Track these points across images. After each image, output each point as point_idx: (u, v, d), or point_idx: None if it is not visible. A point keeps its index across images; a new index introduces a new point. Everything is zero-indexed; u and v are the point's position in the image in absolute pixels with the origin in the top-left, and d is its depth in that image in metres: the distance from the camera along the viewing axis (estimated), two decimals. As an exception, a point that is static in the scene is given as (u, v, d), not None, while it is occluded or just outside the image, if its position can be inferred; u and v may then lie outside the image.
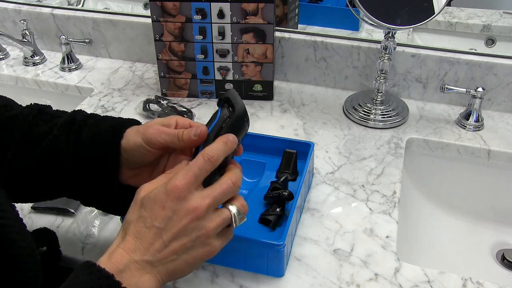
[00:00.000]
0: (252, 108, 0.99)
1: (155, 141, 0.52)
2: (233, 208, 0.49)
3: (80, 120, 0.57)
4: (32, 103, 0.60)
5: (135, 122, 0.57)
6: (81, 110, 0.60)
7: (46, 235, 0.61)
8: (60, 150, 0.54)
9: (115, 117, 0.58)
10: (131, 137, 0.54)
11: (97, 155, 0.54)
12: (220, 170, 0.49)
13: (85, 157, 0.54)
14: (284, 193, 0.67)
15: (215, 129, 0.52)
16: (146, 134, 0.52)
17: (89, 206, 0.60)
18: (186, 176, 0.45)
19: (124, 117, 0.58)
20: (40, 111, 0.58)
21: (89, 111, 0.98)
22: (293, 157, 0.76)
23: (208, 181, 0.48)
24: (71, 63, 1.14)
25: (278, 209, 0.67)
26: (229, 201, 0.49)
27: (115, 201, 0.56)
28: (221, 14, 0.92)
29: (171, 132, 0.52)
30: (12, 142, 0.55)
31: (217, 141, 0.49)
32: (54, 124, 0.56)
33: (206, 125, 0.53)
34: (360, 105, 0.95)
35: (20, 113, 0.58)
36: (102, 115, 0.59)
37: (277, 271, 0.62)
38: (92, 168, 0.54)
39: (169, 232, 0.45)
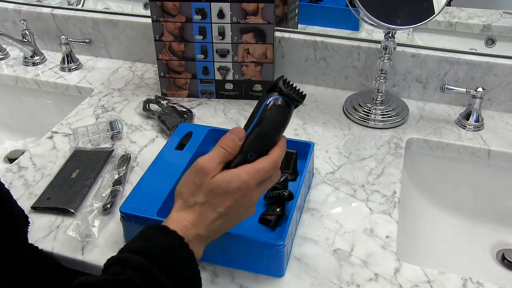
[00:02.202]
0: (252, 108, 0.98)
1: None
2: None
3: None
4: None
5: None
6: None
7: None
8: None
9: None
10: None
11: None
12: None
13: None
14: (284, 193, 0.67)
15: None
16: None
17: None
18: (256, 176, 0.52)
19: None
20: None
21: (89, 111, 0.98)
22: (293, 157, 0.76)
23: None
24: (71, 63, 1.14)
25: (278, 209, 0.67)
26: None
27: None
28: (221, 14, 0.92)
29: None
30: None
31: (280, 145, 0.55)
32: None
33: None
34: (360, 105, 0.95)
35: None
36: (102, 114, 0.61)
37: (277, 271, 0.62)
38: None
39: (229, 216, 0.53)
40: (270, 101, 0.55)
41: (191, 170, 0.53)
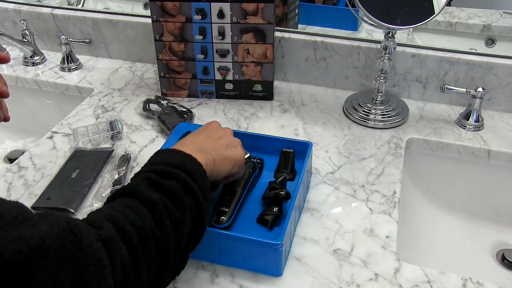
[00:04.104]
0: (252, 108, 0.99)
1: None
2: None
3: None
4: None
5: None
6: None
7: None
8: None
9: None
10: None
11: None
12: None
13: None
14: (281, 192, 0.67)
15: None
16: None
17: None
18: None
19: None
20: None
21: (89, 111, 0.98)
22: (290, 157, 0.76)
23: None
24: (71, 63, 1.14)
25: (275, 209, 0.67)
26: None
27: None
28: (221, 14, 0.92)
29: None
30: None
31: None
32: None
33: None
34: (360, 105, 0.95)
35: None
36: (102, 114, 0.62)
37: (275, 271, 0.63)
38: None
39: (218, 141, 0.64)
40: None
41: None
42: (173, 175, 0.53)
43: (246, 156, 0.68)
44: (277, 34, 1.02)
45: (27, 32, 1.14)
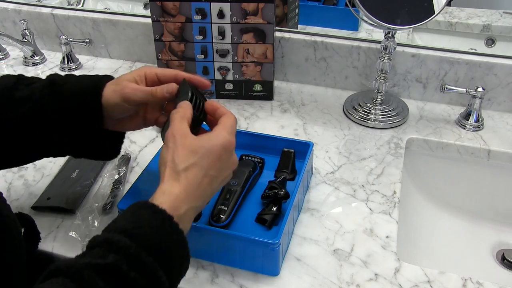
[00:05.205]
0: (252, 108, 0.99)
1: (132, 100, 0.58)
2: None
3: (60, 80, 0.60)
4: (6, 74, 0.63)
5: (110, 78, 0.62)
6: (57, 73, 0.63)
7: (23, 219, 0.62)
8: (46, 108, 0.58)
9: (92, 76, 0.62)
10: (110, 97, 0.58)
11: (81, 111, 0.58)
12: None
13: (71, 113, 0.58)
14: (280, 192, 0.67)
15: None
16: (124, 94, 0.58)
17: (78, 157, 0.64)
18: (233, 132, 0.54)
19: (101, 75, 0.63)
20: (18, 78, 0.61)
21: (89, 111, 0.98)
22: (291, 157, 0.76)
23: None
24: (71, 63, 1.14)
25: (274, 208, 0.67)
26: None
27: (102, 147, 0.63)
28: (221, 14, 0.92)
29: (145, 90, 0.58)
30: None
31: (215, 106, 0.59)
32: (34, 87, 0.59)
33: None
34: (360, 105, 0.95)
35: None
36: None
37: (272, 270, 0.63)
38: (79, 122, 0.59)
39: (219, 179, 0.53)
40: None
41: (165, 141, 0.53)
42: (143, 265, 0.43)
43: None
44: (277, 34, 1.02)
45: (27, 32, 1.14)
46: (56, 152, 0.62)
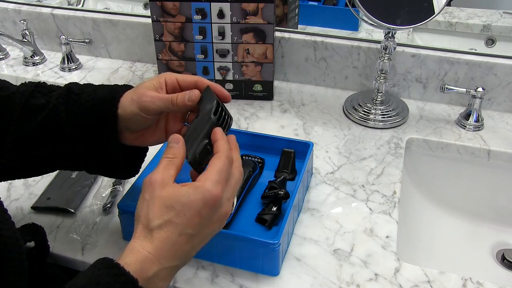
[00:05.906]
0: (252, 108, 0.99)
1: (150, 109, 0.54)
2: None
3: (77, 89, 0.58)
4: (27, 81, 0.62)
5: (128, 87, 0.58)
6: (75, 82, 0.61)
7: (34, 230, 0.60)
8: (60, 118, 0.55)
9: (110, 85, 0.60)
10: (127, 106, 0.55)
11: (96, 122, 0.55)
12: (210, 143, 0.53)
13: (84, 123, 0.55)
14: (280, 192, 0.67)
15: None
16: (141, 103, 0.54)
17: (92, 173, 0.61)
18: (220, 182, 0.47)
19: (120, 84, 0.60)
20: (36, 86, 0.60)
21: (89, 111, 0.98)
22: (291, 157, 0.76)
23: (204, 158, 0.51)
24: (71, 63, 1.14)
25: (274, 208, 0.67)
26: None
27: (118, 164, 0.58)
28: (221, 14, 0.92)
29: (164, 98, 0.54)
30: (12, 117, 0.57)
31: (219, 138, 0.52)
32: (52, 96, 0.58)
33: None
34: (360, 105, 0.95)
35: (16, 90, 0.59)
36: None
37: (272, 270, 0.63)
38: (92, 133, 0.56)
39: (200, 236, 0.47)
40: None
41: (142, 188, 0.48)
42: None
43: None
44: (277, 34, 1.02)
45: (27, 32, 1.14)
46: (69, 165, 0.59)
